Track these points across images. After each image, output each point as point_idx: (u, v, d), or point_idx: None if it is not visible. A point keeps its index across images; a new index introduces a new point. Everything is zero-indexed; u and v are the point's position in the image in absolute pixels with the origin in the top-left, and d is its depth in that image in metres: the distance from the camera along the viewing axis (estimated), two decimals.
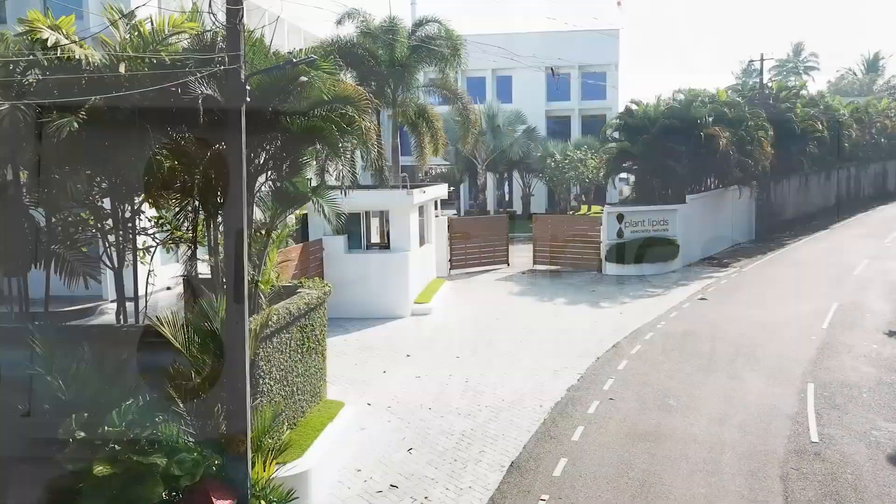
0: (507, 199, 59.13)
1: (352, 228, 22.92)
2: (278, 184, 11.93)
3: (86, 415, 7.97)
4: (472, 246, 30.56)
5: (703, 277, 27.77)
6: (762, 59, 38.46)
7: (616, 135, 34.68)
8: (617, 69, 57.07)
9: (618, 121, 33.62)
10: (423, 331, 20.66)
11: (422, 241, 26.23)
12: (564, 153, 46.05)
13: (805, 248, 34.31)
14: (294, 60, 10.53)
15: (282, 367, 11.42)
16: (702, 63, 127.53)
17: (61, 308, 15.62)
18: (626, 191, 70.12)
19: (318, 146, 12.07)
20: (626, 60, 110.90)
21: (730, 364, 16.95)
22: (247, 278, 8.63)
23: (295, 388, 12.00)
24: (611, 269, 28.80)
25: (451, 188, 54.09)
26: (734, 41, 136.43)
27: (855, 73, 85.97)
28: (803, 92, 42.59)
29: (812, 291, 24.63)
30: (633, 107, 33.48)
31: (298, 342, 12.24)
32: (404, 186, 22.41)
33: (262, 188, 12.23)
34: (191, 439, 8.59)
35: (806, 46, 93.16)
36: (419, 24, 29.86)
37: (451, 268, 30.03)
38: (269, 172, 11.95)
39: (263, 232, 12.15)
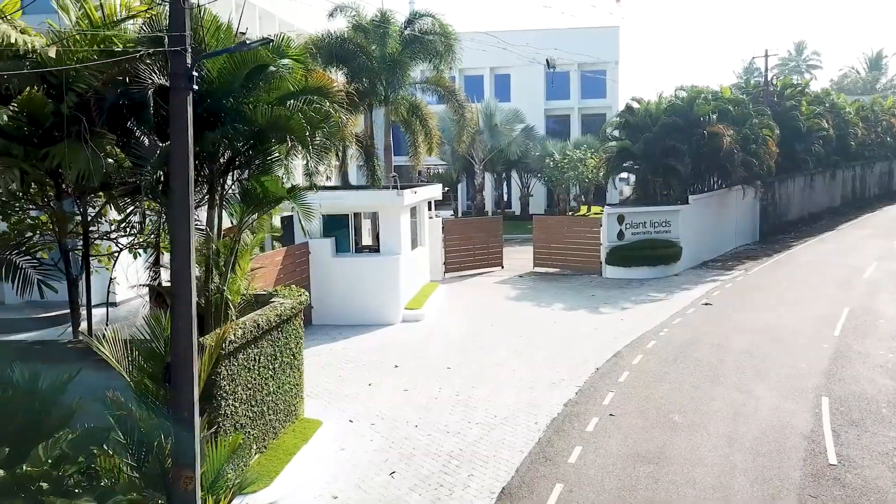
0: (505, 199, 58.16)
1: (340, 231, 21.94)
2: (246, 184, 10.87)
3: (7, 450, 6.93)
4: (467, 248, 29.54)
5: (707, 281, 26.72)
6: (766, 55, 37.41)
7: (616, 133, 33.64)
8: (617, 67, 56.05)
9: (618, 119, 32.59)
10: (413, 339, 19.62)
11: (414, 244, 25.21)
12: (563, 152, 45.01)
13: (812, 250, 33.26)
14: (248, 43, 9.48)
15: (249, 386, 10.38)
16: (703, 62, 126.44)
17: (35, 315, 14.64)
18: (627, 191, 68.95)
19: (290, 142, 11.00)
20: (627, 58, 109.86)
21: (738, 375, 15.91)
22: (195, 289, 7.58)
23: (265, 408, 10.96)
24: (611, 272, 27.76)
25: (447, 189, 53.16)
26: (735, 40, 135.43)
27: (858, 72, 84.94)
28: (808, 89, 41.54)
29: (821, 295, 23.59)
30: (634, 105, 32.44)
31: (270, 357, 11.21)
32: (394, 187, 21.37)
33: (231, 188, 11.20)
34: (135, 474, 7.56)
35: (808, 45, 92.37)
36: (413, 18, 28.82)
37: (446, 271, 29.02)
38: (236, 171, 10.91)
39: (231, 237, 11.09)
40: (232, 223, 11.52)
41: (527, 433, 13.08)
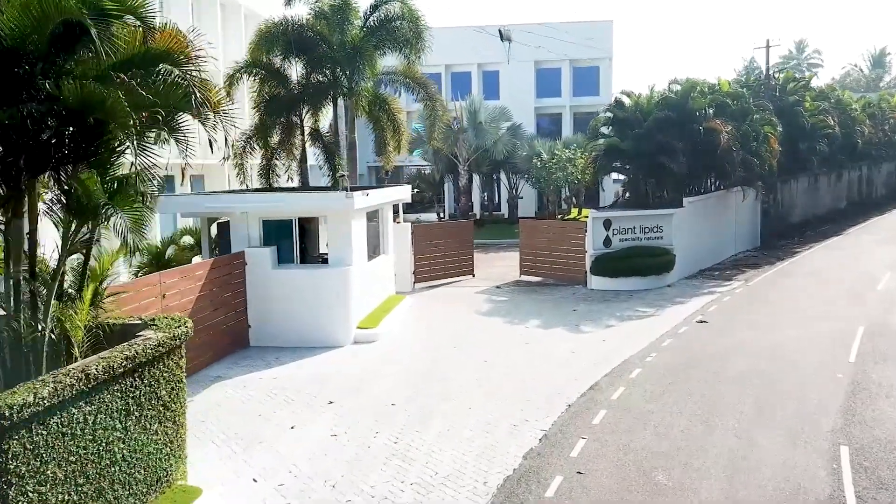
0: (496, 201, 55.49)
1: (284, 238, 19.24)
2: (66, 186, 8.13)
3: None
4: (438, 256, 26.86)
5: (703, 293, 24.00)
6: (767, 46, 34.69)
7: (606, 130, 30.93)
8: (611, 63, 53.48)
9: (607, 114, 29.87)
10: (361, 365, 16.89)
11: (375, 252, 22.51)
12: (552, 152, 42.32)
13: (818, 257, 30.55)
14: None
15: (73, 458, 7.65)
16: (701, 60, 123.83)
17: None
18: (622, 192, 66.58)
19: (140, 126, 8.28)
20: (622, 54, 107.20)
21: (737, 415, 13.19)
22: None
23: (108, 483, 8.24)
24: (596, 282, 25.05)
25: (430, 193, 50.50)
26: (735, 39, 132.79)
27: (861, 70, 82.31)
28: (813, 84, 38.82)
29: (831, 311, 20.88)
30: (624, 99, 29.76)
31: (119, 413, 8.48)
32: (343, 188, 18.66)
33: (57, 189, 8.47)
34: None
35: (809, 43, 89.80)
36: (378, 3, 26.14)
37: (416, 281, 26.32)
38: (52, 170, 8.17)
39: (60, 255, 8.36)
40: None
41: (471, 499, 10.36)
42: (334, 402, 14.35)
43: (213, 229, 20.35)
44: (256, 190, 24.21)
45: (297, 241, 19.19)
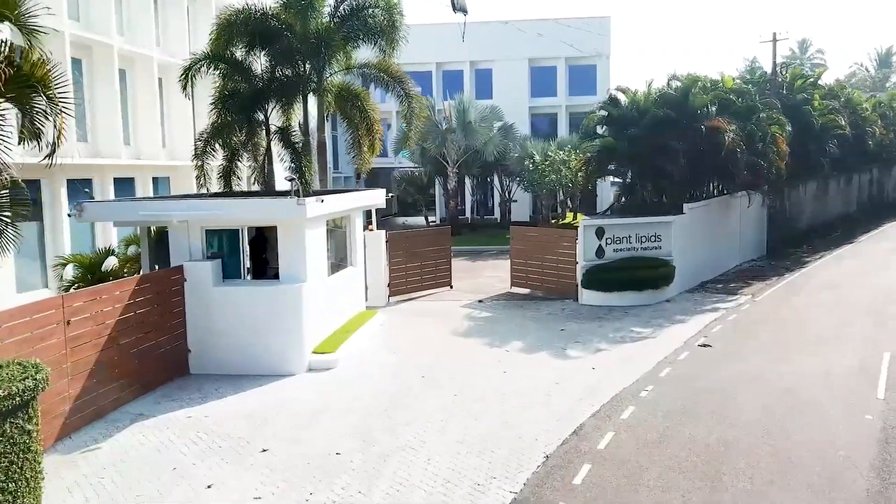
0: (489, 204, 53.18)
1: (232, 251, 16.94)
2: None
3: None
4: (414, 266, 24.58)
5: (706, 310, 21.68)
6: (774, 40, 32.33)
7: (600, 130, 28.63)
8: (609, 61, 51.21)
9: (601, 112, 27.56)
10: (309, 400, 14.56)
11: (341, 265, 20.26)
12: (545, 153, 40.03)
13: (830, 269, 28.24)
14: None
15: None
16: (702, 59, 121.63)
17: None
18: (618, 196, 63.99)
19: None
20: (619, 52, 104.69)
21: (748, 471, 10.87)
22: None
23: None
24: (588, 297, 22.73)
25: (418, 196, 48.22)
26: (735, 38, 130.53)
27: (867, 69, 79.99)
28: (822, 81, 36.50)
29: (851, 333, 18.57)
30: (620, 95, 27.47)
31: None
32: (295, 193, 16.34)
33: None
34: None
35: (812, 43, 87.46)
36: None
37: (391, 294, 24.02)
38: None
39: None
40: None
41: None
42: (268, 450, 12.03)
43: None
44: (199, 195, 21.88)
45: (244, 254, 16.87)
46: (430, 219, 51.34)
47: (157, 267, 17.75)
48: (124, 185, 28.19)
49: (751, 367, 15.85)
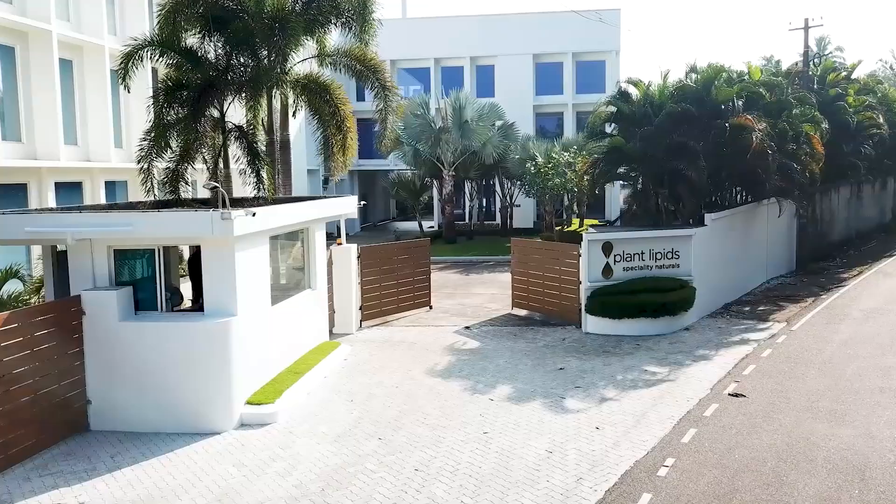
0: (491, 210, 49.70)
1: (147, 276, 13.61)
2: None
3: None
4: (389, 284, 21.23)
5: (733, 342, 18.18)
6: (806, 27, 28.69)
7: (609, 128, 25.20)
8: (618, 57, 47.75)
9: (610, 108, 24.12)
10: (225, 477, 11.16)
11: (296, 289, 16.96)
12: (548, 155, 36.57)
13: (873, 288, 24.65)
14: None
15: None
16: (717, 56, 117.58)
17: None
18: (630, 204, 59.84)
19: None
20: (630, 47, 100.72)
21: None
22: None
23: None
24: (593, 324, 19.28)
25: (411, 202, 44.82)
26: (751, 36, 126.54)
27: (891, 66, 76.03)
28: (856, 74, 32.85)
29: None
30: (631, 89, 23.97)
31: None
32: (222, 204, 12.94)
33: None
34: None
35: (831, 41, 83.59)
36: None
37: (364, 318, 20.64)
38: None
39: None
40: None
41: None
42: None
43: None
44: (103, 207, 18.43)
45: (161, 281, 13.52)
46: (429, 225, 48.04)
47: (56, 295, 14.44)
48: (70, 191, 24.97)
49: (801, 430, 12.34)
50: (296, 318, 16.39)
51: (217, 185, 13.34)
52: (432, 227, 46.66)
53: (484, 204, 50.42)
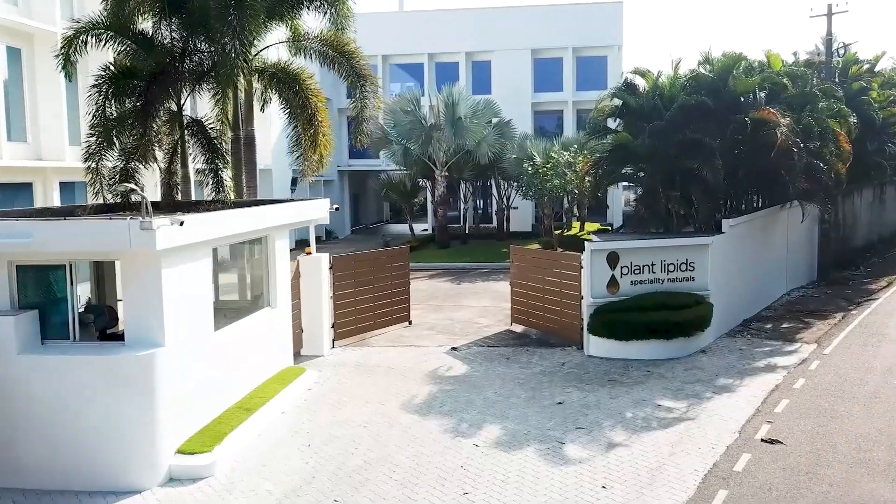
0: (488, 212, 47.26)
1: (58, 297, 11.22)
2: None
3: None
4: (366, 299, 18.83)
5: (758, 369, 15.77)
6: (830, 13, 26.27)
7: (613, 123, 22.84)
8: (620, 52, 45.38)
9: (614, 102, 21.74)
10: None
11: (252, 307, 14.59)
12: (547, 154, 34.18)
13: None
14: None
15: None
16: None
17: None
18: (638, 208, 57.02)
19: None
20: (632, 42, 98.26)
21: None
22: None
23: None
24: (597, 346, 16.87)
25: (402, 203, 42.47)
26: (760, 32, 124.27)
27: None
28: (880, 67, 30.44)
29: None
30: (638, 80, 21.59)
31: None
32: (146, 213, 10.51)
33: None
34: None
35: (837, 37, 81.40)
36: None
37: (337, 337, 18.24)
38: None
39: None
40: None
41: None
42: None
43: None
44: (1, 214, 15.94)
45: (73, 302, 11.12)
46: (422, 228, 45.69)
47: None
48: (18, 193, 22.61)
49: (856, 493, 9.94)
50: (250, 343, 13.99)
51: (134, 188, 10.94)
52: (426, 230, 44.31)
53: (480, 206, 48.12)
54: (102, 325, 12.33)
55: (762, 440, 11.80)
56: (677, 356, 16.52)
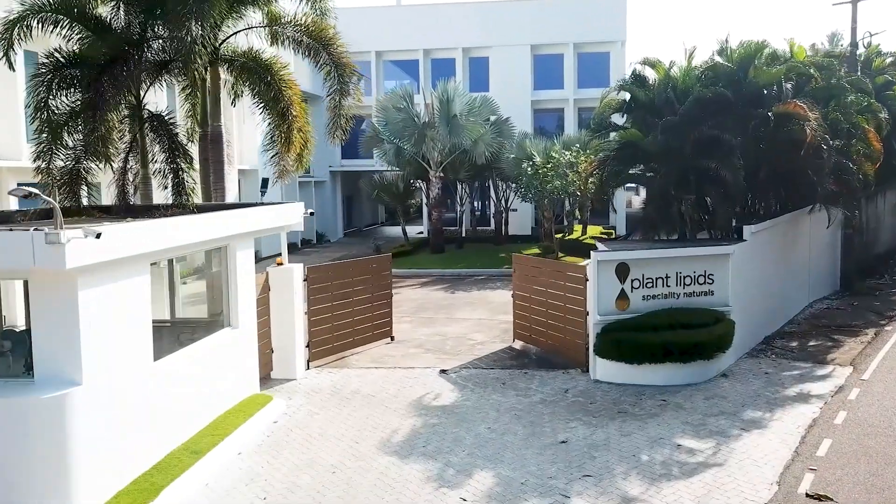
0: (487, 214, 45.28)
1: None
2: None
3: None
4: (344, 313, 16.88)
5: (790, 398, 13.79)
6: (855, 0, 24.36)
7: (619, 119, 20.86)
8: (624, 48, 43.45)
9: (621, 95, 19.77)
10: None
11: (209, 329, 12.66)
12: (547, 154, 32.21)
13: None
14: None
15: None
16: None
17: None
18: (637, 201, 54.67)
19: None
20: (636, 37, 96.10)
21: None
22: None
23: None
24: (605, 369, 14.90)
25: (395, 205, 40.51)
26: (764, 24, 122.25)
27: None
28: None
29: None
30: (648, 71, 19.65)
31: None
32: (28, 219, 8.55)
33: None
34: None
35: (844, 37, 79.47)
36: None
37: (312, 357, 16.28)
38: None
39: None
40: None
41: None
42: None
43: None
44: None
45: None
46: (418, 231, 43.71)
47: None
48: None
49: None
50: (204, 371, 12.04)
51: (33, 190, 8.95)
52: (421, 233, 42.35)
53: (479, 208, 46.20)
54: (23, 354, 10.35)
55: (807, 495, 9.83)
56: (695, 382, 14.55)
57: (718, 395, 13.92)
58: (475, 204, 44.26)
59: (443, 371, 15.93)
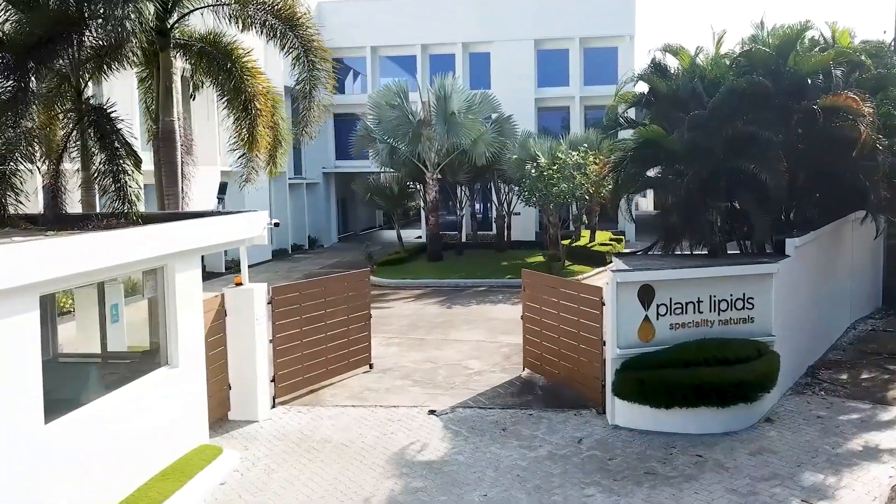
0: (490, 218, 42.78)
1: None
2: None
3: None
4: (315, 340, 14.38)
5: (855, 453, 11.28)
6: None
7: (635, 115, 18.36)
8: (633, 43, 40.97)
9: (638, 88, 17.26)
10: None
11: (145, 368, 10.22)
12: (553, 155, 29.73)
13: None
14: None
15: None
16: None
17: None
18: (645, 204, 51.63)
19: None
20: (646, 32, 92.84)
21: None
22: None
23: None
24: (625, 413, 12.38)
25: (390, 209, 38.06)
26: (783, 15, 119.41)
27: None
28: None
29: None
30: (669, 60, 17.10)
31: None
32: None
33: None
34: None
35: (860, 30, 76.77)
36: None
37: (278, 394, 13.79)
38: None
39: None
40: None
41: None
42: None
43: None
44: None
45: None
46: (416, 235, 41.26)
47: None
48: None
49: None
50: (126, 424, 9.56)
51: None
52: (419, 237, 39.89)
53: (480, 211, 43.79)
54: None
55: None
56: (735, 429, 12.04)
57: (766, 448, 11.40)
58: (476, 207, 41.84)
59: (432, 411, 13.44)
